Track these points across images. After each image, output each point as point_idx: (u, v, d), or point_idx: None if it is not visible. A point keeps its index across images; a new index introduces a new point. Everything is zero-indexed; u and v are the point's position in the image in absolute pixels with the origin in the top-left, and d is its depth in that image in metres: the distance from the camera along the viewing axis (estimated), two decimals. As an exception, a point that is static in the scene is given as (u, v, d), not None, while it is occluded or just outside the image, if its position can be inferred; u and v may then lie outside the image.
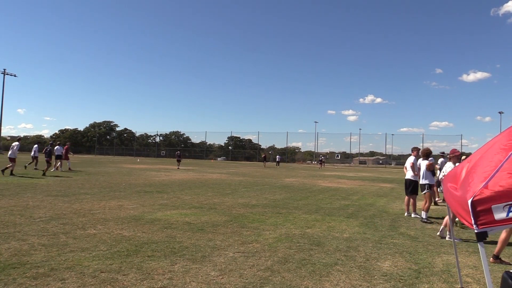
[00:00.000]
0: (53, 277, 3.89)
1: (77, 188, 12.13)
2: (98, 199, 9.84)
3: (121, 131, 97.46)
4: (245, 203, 10.22)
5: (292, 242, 5.86)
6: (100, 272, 4.10)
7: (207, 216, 7.85)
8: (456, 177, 2.71)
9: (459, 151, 8.04)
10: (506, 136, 2.42)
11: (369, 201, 11.75)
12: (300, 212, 8.85)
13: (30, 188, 11.56)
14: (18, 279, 3.80)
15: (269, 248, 5.41)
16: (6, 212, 7.44)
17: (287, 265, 4.63)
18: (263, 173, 27.42)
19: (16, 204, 8.40)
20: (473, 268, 4.89)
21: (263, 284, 3.96)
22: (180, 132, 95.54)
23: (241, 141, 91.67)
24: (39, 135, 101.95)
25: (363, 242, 6.04)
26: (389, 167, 67.98)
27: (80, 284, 3.72)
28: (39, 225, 6.33)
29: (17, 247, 4.93)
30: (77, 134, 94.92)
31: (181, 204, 9.44)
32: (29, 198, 9.50)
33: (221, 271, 4.30)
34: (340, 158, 74.33)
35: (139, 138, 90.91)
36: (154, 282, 3.88)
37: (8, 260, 4.36)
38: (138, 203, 9.33)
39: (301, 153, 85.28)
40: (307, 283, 4.05)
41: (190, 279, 4.02)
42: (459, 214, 2.22)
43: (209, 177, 20.13)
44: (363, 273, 4.42)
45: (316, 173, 30.38)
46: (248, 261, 4.75)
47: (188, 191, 12.75)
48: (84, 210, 8.06)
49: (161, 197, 10.68)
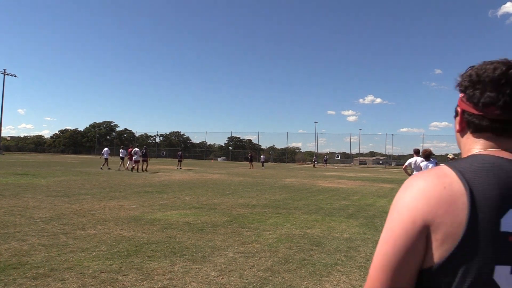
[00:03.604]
0: (53, 277, 3.89)
1: (77, 189, 12.13)
2: (98, 199, 9.84)
3: (121, 131, 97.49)
4: (245, 203, 10.22)
5: (292, 242, 5.86)
6: (100, 272, 4.10)
7: (207, 217, 7.85)
8: None
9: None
10: None
11: (369, 202, 11.75)
12: (300, 213, 8.84)
13: (30, 189, 11.56)
14: (18, 279, 3.80)
15: (269, 249, 5.41)
16: (6, 212, 7.44)
17: (287, 266, 4.63)
18: (263, 173, 27.42)
19: (16, 205, 8.40)
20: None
21: (263, 284, 3.96)
22: (180, 133, 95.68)
23: (241, 142, 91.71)
24: (39, 136, 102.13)
25: (363, 242, 6.04)
26: (389, 167, 67.98)
27: (80, 285, 3.72)
28: (39, 226, 6.33)
29: (17, 248, 4.93)
30: (77, 135, 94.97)
31: (181, 205, 9.44)
32: (29, 198, 9.50)
33: (221, 272, 4.30)
34: (340, 159, 74.33)
35: (139, 138, 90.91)
36: (154, 282, 3.88)
37: (8, 261, 4.36)
38: (138, 204, 9.33)
39: (301, 153, 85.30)
40: (307, 283, 4.05)
41: (190, 279, 4.02)
42: None
43: (209, 178, 20.13)
44: (363, 274, 4.42)
45: (316, 173, 30.38)
46: (248, 261, 4.75)
47: (188, 191, 12.75)
48: (84, 210, 8.06)
49: (161, 198, 10.68)
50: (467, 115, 0.91)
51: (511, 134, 0.86)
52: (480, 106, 0.87)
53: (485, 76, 0.87)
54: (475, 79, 0.89)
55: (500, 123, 0.85)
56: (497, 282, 0.73)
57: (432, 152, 8.96)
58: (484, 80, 0.87)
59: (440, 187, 0.78)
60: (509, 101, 0.83)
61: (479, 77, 0.88)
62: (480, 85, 0.87)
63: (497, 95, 0.84)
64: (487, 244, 0.73)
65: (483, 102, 0.86)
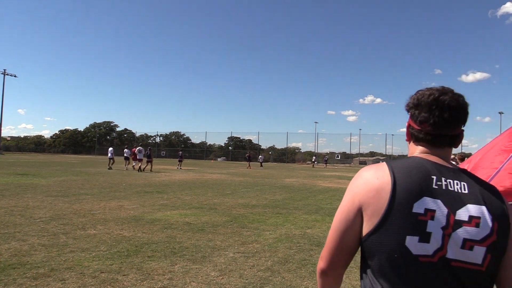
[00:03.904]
0: (53, 277, 3.89)
1: (77, 189, 12.12)
2: (98, 199, 9.84)
3: (121, 131, 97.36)
4: (245, 203, 10.22)
5: (292, 242, 5.86)
6: (100, 272, 4.10)
7: (207, 217, 7.85)
8: None
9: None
10: (507, 137, 2.42)
11: (369, 202, 11.73)
12: (300, 213, 8.84)
13: (30, 189, 11.56)
14: (18, 279, 3.80)
15: (269, 249, 5.41)
16: (6, 212, 7.44)
17: (287, 266, 4.63)
18: (263, 173, 27.41)
19: (16, 205, 8.40)
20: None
21: (263, 284, 3.96)
22: (180, 133, 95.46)
23: (241, 142, 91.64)
24: (39, 136, 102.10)
25: (363, 242, 6.03)
26: (389, 167, 67.72)
27: (80, 285, 3.72)
28: (39, 226, 6.33)
29: (17, 248, 4.93)
30: (77, 135, 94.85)
31: (181, 205, 9.44)
32: (29, 198, 9.50)
33: (221, 272, 4.30)
34: (340, 159, 74.28)
35: (139, 138, 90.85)
36: (154, 282, 3.88)
37: (8, 261, 4.36)
38: (138, 204, 9.33)
39: (301, 153, 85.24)
40: (307, 283, 4.05)
41: (190, 279, 4.02)
42: None
43: (209, 178, 20.12)
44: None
45: (316, 173, 30.36)
46: (248, 261, 4.75)
47: (188, 191, 12.75)
48: (84, 210, 8.06)
49: (161, 198, 10.68)
50: (411, 129, 1.24)
51: (439, 144, 1.19)
52: (418, 122, 1.20)
53: (422, 101, 1.18)
54: (416, 102, 1.20)
55: (431, 136, 1.18)
56: (409, 247, 1.04)
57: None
58: (421, 103, 1.18)
59: (375, 178, 1.12)
60: (437, 120, 1.15)
61: (418, 101, 1.19)
62: (419, 107, 1.19)
63: (429, 115, 1.16)
64: (401, 221, 1.05)
65: (419, 120, 1.19)
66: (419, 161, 1.14)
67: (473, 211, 1.07)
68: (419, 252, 1.04)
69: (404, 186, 1.07)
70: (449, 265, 1.05)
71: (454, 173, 1.14)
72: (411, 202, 1.05)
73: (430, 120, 1.16)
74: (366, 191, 1.11)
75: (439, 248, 1.05)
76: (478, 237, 1.06)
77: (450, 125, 1.16)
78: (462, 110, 1.17)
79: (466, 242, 1.05)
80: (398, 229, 1.05)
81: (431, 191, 1.07)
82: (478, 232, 1.06)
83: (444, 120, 1.15)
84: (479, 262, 1.06)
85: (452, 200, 1.08)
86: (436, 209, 1.06)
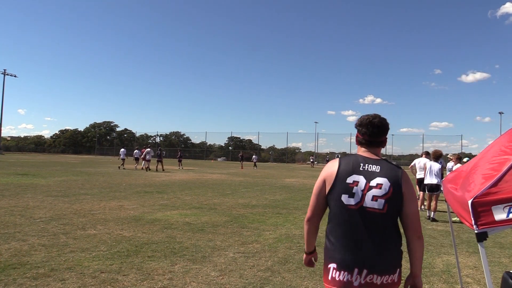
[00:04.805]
0: (53, 277, 3.90)
1: (77, 189, 12.13)
2: (98, 199, 9.84)
3: (121, 131, 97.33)
4: (245, 203, 10.22)
5: (292, 242, 5.86)
6: (100, 272, 4.10)
7: (207, 217, 7.85)
8: (457, 178, 2.71)
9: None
10: (507, 138, 2.42)
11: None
12: (300, 213, 8.84)
13: (30, 189, 11.56)
14: (18, 279, 3.80)
15: (269, 249, 5.42)
16: (7, 212, 7.45)
17: (287, 266, 4.63)
18: (263, 173, 27.41)
19: (17, 205, 8.41)
20: (473, 269, 4.89)
21: (263, 284, 3.96)
22: (180, 133, 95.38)
23: (241, 142, 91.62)
24: (40, 136, 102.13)
25: (363, 242, 6.03)
26: (389, 167, 67.76)
27: (80, 285, 3.72)
28: (39, 226, 6.33)
29: (18, 248, 4.93)
30: (77, 135, 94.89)
31: (181, 205, 9.44)
32: (29, 198, 9.50)
33: (221, 272, 4.30)
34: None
35: (139, 138, 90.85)
36: (154, 282, 3.88)
37: (8, 261, 4.36)
38: (138, 204, 9.33)
39: (301, 153, 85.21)
40: (307, 283, 4.05)
41: (190, 279, 4.02)
42: (460, 214, 2.22)
43: (209, 178, 20.13)
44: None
45: (316, 173, 30.36)
46: (248, 261, 4.75)
47: (188, 191, 12.75)
48: (84, 210, 8.06)
49: (161, 198, 10.68)
50: (357, 137, 2.13)
51: (371, 146, 2.07)
52: (361, 134, 2.09)
53: (363, 122, 2.08)
54: (359, 123, 2.10)
55: (367, 141, 2.07)
56: (343, 200, 1.94)
57: (442, 153, 9.34)
58: (362, 123, 2.08)
59: (331, 164, 2.05)
60: (369, 133, 2.05)
61: (361, 122, 2.09)
62: (361, 125, 2.08)
63: (366, 130, 2.06)
64: (340, 186, 1.96)
65: (361, 132, 2.09)
66: (355, 156, 2.05)
67: (380, 181, 1.93)
68: (348, 203, 1.93)
69: (343, 169, 1.98)
70: (365, 210, 1.91)
71: (375, 161, 2.00)
72: (346, 177, 1.96)
73: (367, 133, 2.05)
74: (327, 172, 2.03)
75: (359, 201, 1.92)
76: (381, 194, 1.91)
77: (378, 135, 2.05)
78: (384, 127, 2.05)
79: (374, 197, 1.91)
80: (339, 190, 1.96)
81: (358, 171, 1.96)
82: (381, 192, 1.91)
83: (374, 133, 2.04)
84: (381, 208, 1.90)
85: (369, 175, 1.95)
86: (359, 181, 1.94)
